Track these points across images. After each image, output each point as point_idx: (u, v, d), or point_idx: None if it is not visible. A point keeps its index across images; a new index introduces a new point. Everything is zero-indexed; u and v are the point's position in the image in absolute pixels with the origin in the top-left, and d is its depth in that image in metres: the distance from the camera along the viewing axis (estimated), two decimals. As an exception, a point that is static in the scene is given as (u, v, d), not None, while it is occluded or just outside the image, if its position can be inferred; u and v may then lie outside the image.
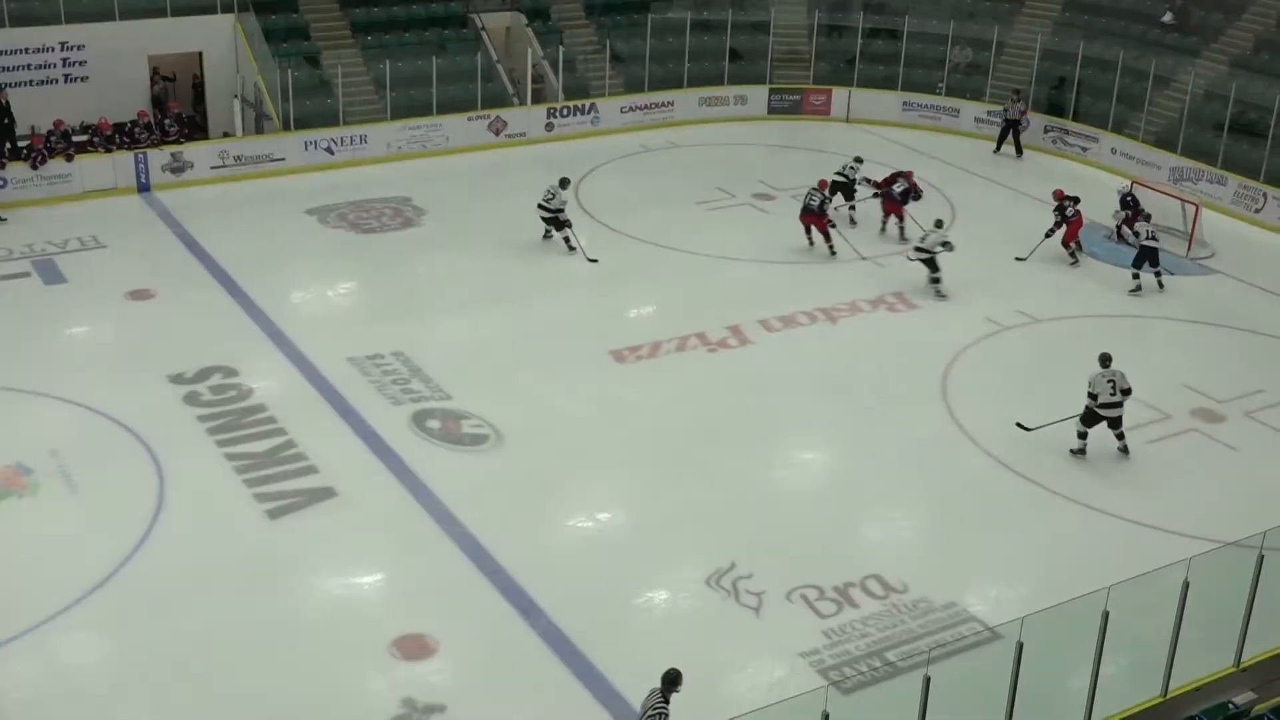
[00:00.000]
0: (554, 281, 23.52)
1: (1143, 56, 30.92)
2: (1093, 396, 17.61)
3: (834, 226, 24.53)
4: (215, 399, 18.67)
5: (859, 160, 26.73)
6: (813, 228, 24.60)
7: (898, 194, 25.52)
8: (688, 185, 28.25)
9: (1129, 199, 25.75)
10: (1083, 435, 17.91)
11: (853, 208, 26.08)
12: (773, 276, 23.96)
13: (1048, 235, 24.47)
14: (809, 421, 19.23)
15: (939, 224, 23.62)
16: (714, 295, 22.84)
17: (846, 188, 26.22)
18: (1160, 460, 18.30)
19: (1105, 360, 17.76)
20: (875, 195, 26.18)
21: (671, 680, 11.57)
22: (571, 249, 24.06)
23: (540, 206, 24.10)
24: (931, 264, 23.12)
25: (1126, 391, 17.63)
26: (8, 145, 25.40)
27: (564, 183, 24.28)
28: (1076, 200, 24.69)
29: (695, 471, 17.51)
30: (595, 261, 23.80)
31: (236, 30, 29.40)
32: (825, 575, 15.28)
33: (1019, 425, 18.02)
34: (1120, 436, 17.98)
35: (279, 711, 13.14)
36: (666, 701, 11.47)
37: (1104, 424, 17.85)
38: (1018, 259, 24.59)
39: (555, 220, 24.01)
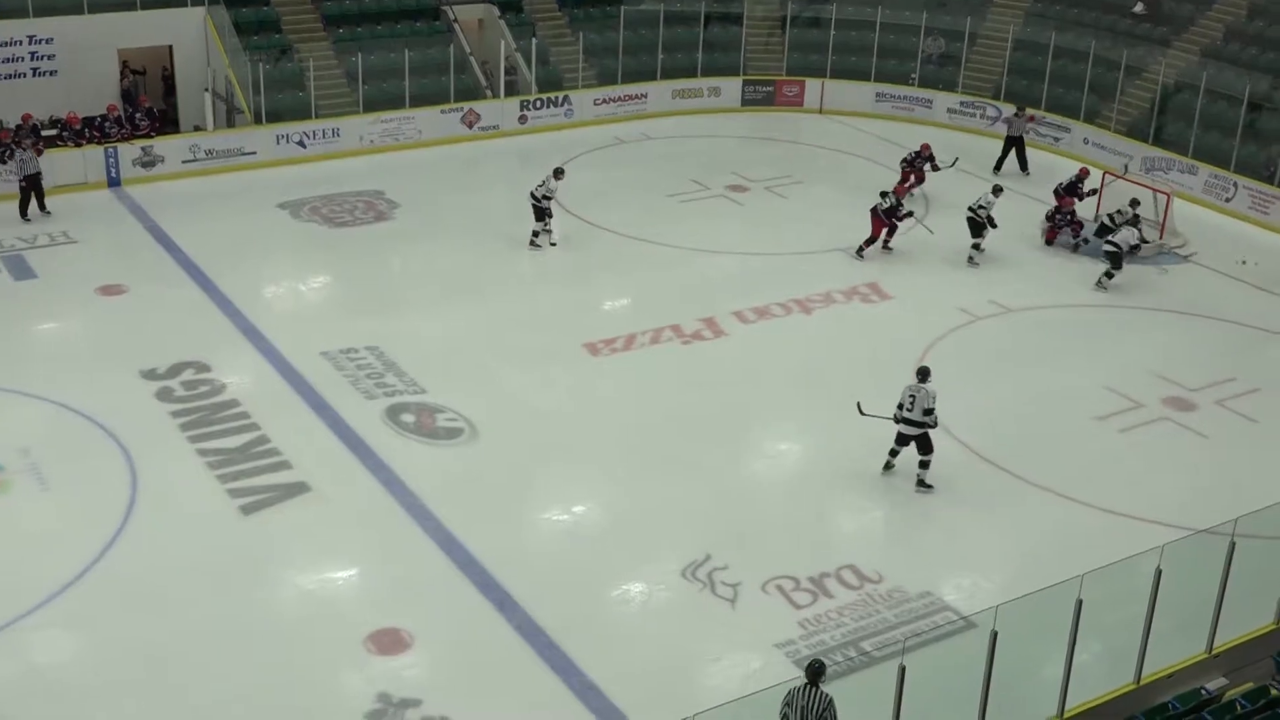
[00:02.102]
0: (528, 274, 23.49)
1: (1114, 47, 31.05)
2: (899, 406, 16.75)
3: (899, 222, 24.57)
4: (188, 395, 18.56)
5: (997, 191, 24.78)
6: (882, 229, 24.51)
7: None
8: (661, 177, 28.23)
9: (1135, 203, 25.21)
10: (893, 453, 17.10)
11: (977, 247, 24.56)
12: (746, 268, 23.98)
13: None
14: (783, 413, 19.26)
15: (997, 191, 24.48)
16: (688, 287, 22.84)
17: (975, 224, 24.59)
18: (1132, 449, 18.40)
19: (921, 374, 16.82)
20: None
21: (818, 671, 11.21)
22: (535, 244, 24.02)
23: (531, 195, 24.06)
24: (975, 229, 23.92)
25: (927, 412, 16.49)
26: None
27: (557, 172, 24.19)
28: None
29: (670, 464, 17.52)
30: (538, 247, 23.99)
31: (207, 23, 29.22)
32: (800, 566, 15.32)
33: (859, 406, 17.27)
34: (923, 465, 16.84)
35: (254, 707, 13.08)
36: (818, 688, 11.11)
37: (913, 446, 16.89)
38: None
39: (538, 209, 23.95)
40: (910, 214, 24.86)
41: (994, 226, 24.29)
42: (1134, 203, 24.34)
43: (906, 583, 15.16)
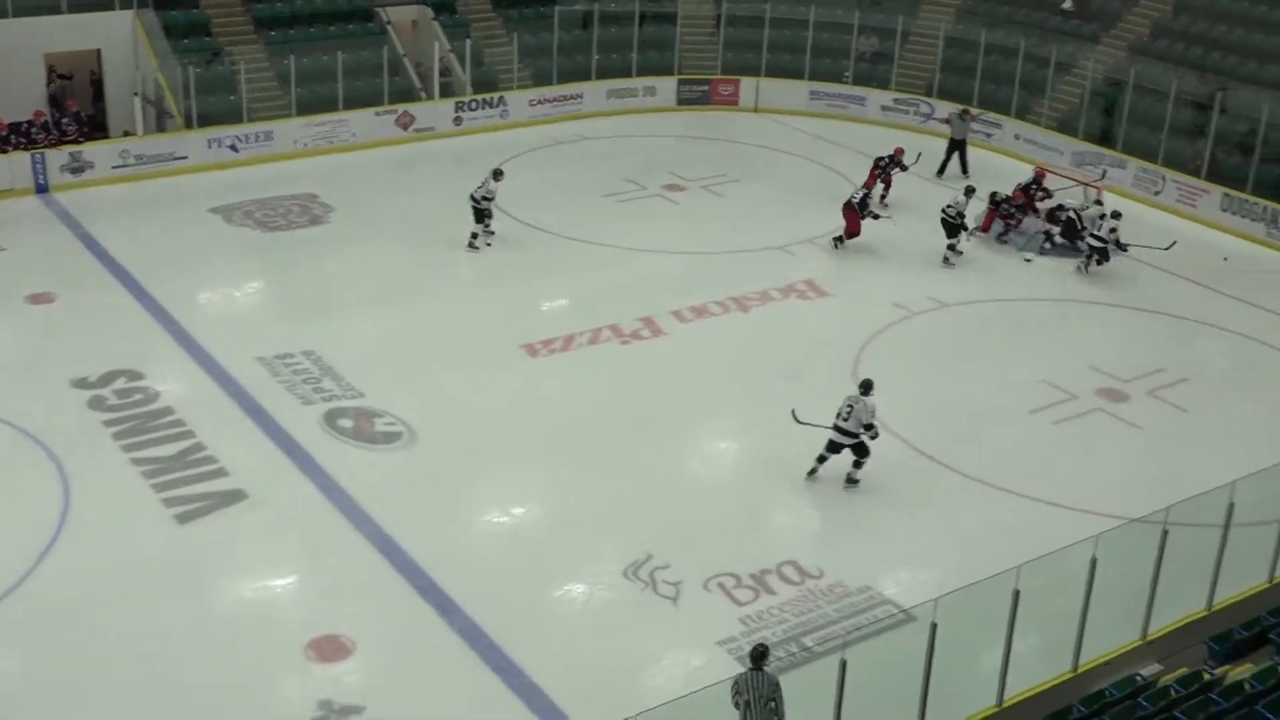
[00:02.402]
0: (465, 277, 23.41)
1: (1044, 44, 31.44)
2: (838, 414, 16.70)
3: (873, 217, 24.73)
4: (121, 403, 18.32)
5: (969, 192, 24.94)
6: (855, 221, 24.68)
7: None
8: (598, 177, 28.23)
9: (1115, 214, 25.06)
10: (820, 459, 16.93)
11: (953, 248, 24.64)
12: (684, 267, 24.03)
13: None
14: (722, 411, 19.32)
15: (969, 192, 24.70)
16: (626, 287, 22.85)
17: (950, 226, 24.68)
18: (1067, 440, 18.62)
19: (864, 386, 16.65)
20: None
21: (763, 655, 11.49)
22: (473, 245, 23.92)
23: (470, 197, 23.96)
24: (950, 229, 24.05)
25: (867, 427, 16.47)
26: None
27: (496, 174, 24.08)
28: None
29: (610, 464, 17.52)
30: (476, 249, 23.94)
31: (135, 26, 28.86)
32: (741, 563, 15.37)
33: (794, 414, 17.10)
34: (819, 460, 16.86)
35: (194, 718, 12.93)
36: (764, 671, 11.40)
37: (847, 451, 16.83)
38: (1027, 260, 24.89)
39: (477, 211, 23.84)
40: (877, 216, 25.00)
41: (967, 229, 24.56)
42: (1115, 214, 24.51)
43: (847, 577, 15.25)
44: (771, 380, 19.81)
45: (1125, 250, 24.13)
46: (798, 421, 16.88)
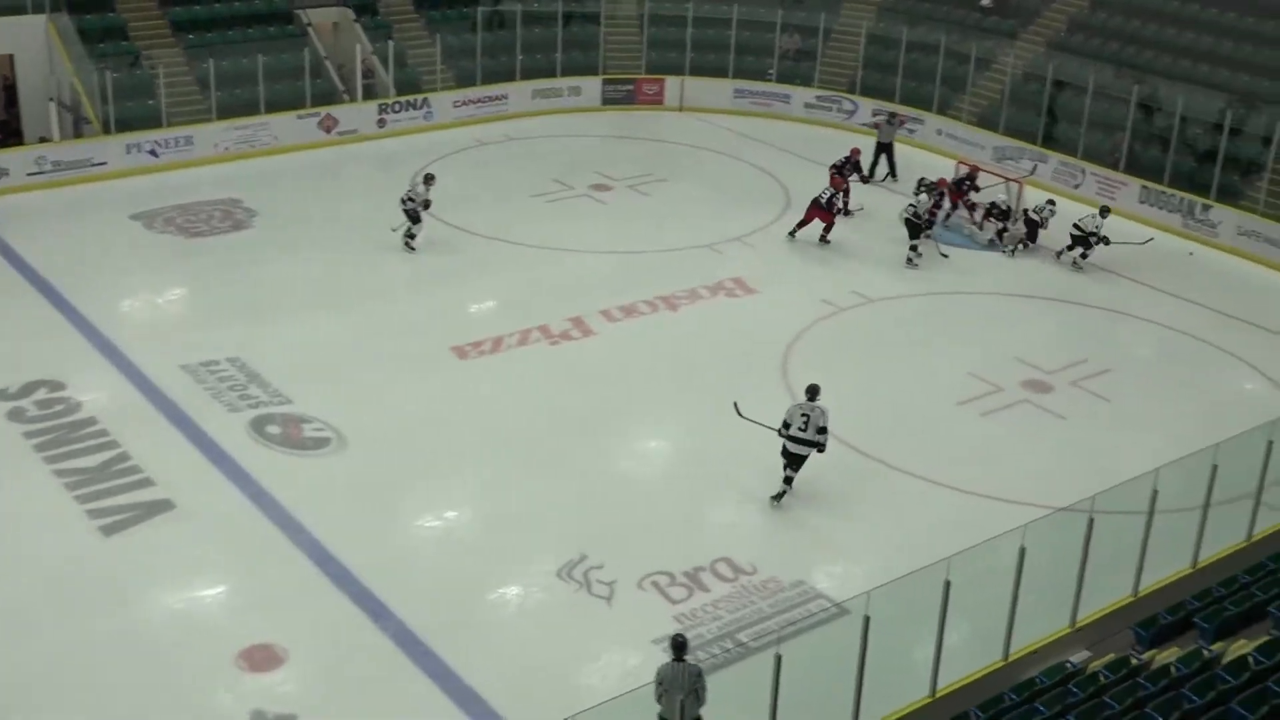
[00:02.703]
0: (392, 279, 23.24)
1: (964, 40, 31.80)
2: (786, 425, 16.38)
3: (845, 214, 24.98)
4: (41, 414, 17.99)
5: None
6: (816, 220, 24.74)
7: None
8: (524, 178, 28.16)
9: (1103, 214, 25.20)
10: (788, 480, 16.60)
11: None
12: (613, 267, 24.03)
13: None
14: (653, 409, 19.35)
15: (929, 189, 24.94)
16: (555, 287, 22.81)
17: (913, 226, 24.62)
18: (994, 432, 18.86)
19: (811, 392, 16.41)
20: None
21: (683, 645, 11.59)
22: (409, 246, 23.77)
23: (401, 200, 23.81)
24: (913, 230, 24.15)
25: (821, 431, 16.24)
26: None
27: (426, 178, 23.91)
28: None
29: (542, 465, 17.48)
30: (413, 250, 23.78)
31: (49, 31, 28.33)
32: (675, 561, 15.40)
33: (735, 407, 17.00)
34: (788, 481, 16.54)
35: (122, 733, 12.77)
36: (685, 662, 11.51)
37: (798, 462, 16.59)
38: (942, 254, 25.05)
39: (409, 213, 23.67)
40: (850, 213, 25.21)
41: (929, 228, 24.75)
42: (1103, 210, 24.80)
43: (780, 573, 15.33)
44: (702, 378, 19.87)
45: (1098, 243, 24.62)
46: (740, 416, 16.86)
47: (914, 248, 24.44)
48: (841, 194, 25.49)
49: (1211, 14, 30.15)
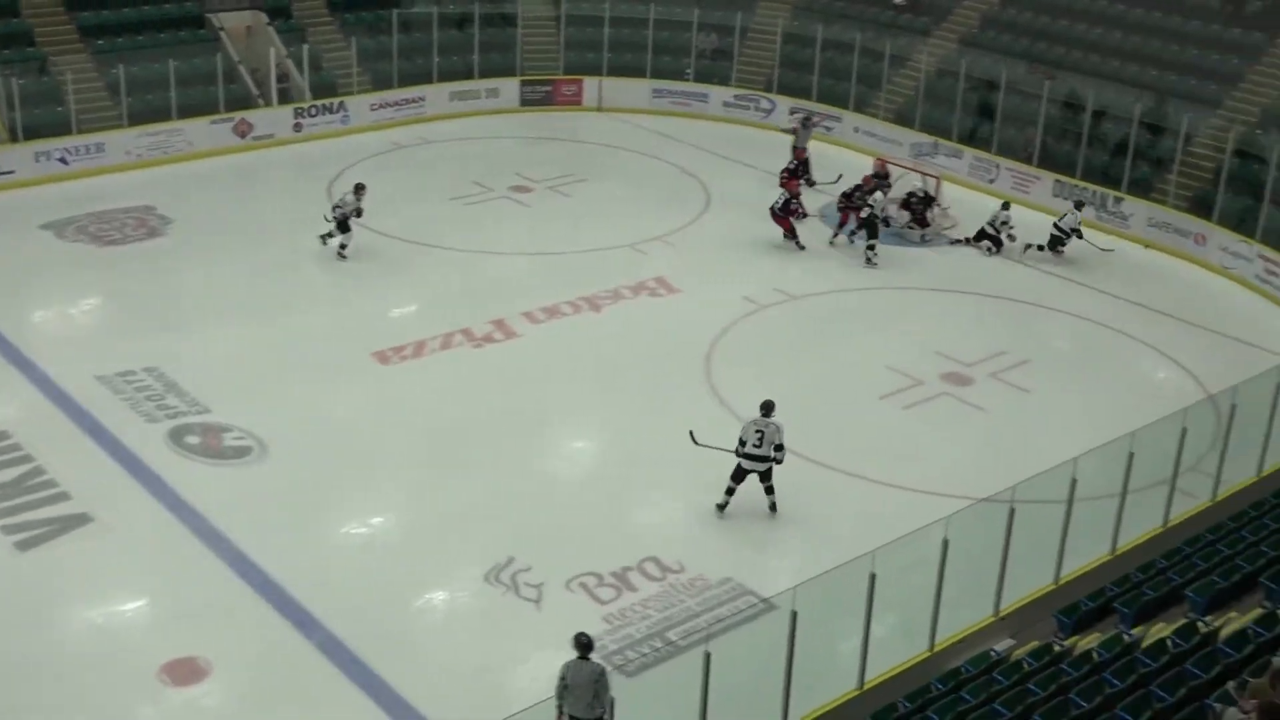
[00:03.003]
0: (311, 285, 23.02)
1: (879, 38, 32.09)
2: (741, 443, 16.16)
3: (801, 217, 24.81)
4: (-48, 429, 17.62)
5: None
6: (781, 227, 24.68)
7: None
8: (444, 181, 28.01)
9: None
10: (730, 491, 16.38)
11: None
12: (534, 268, 23.99)
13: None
14: (578, 410, 19.33)
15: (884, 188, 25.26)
16: (476, 290, 22.72)
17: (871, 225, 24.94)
18: (916, 425, 19.04)
19: (766, 408, 16.22)
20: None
21: (587, 644, 11.58)
22: (341, 255, 23.55)
23: (333, 208, 23.59)
24: (873, 230, 24.32)
25: (779, 448, 16.07)
26: None
27: (357, 189, 23.62)
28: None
29: (467, 469, 17.39)
30: (344, 258, 23.52)
31: (-48, 38, 27.80)
32: (603, 561, 15.38)
33: (691, 435, 16.70)
34: (769, 491, 16.35)
35: (42, 752, 12.53)
36: (589, 660, 11.52)
37: (755, 478, 16.36)
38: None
39: (338, 223, 23.41)
40: (805, 215, 25.06)
41: (888, 225, 25.06)
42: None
43: (708, 570, 15.37)
44: (626, 378, 19.89)
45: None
46: (696, 443, 16.51)
47: (871, 247, 24.57)
48: (795, 198, 25.25)
49: (1119, 10, 30.69)
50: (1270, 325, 22.98)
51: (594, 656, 11.87)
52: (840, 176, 26.71)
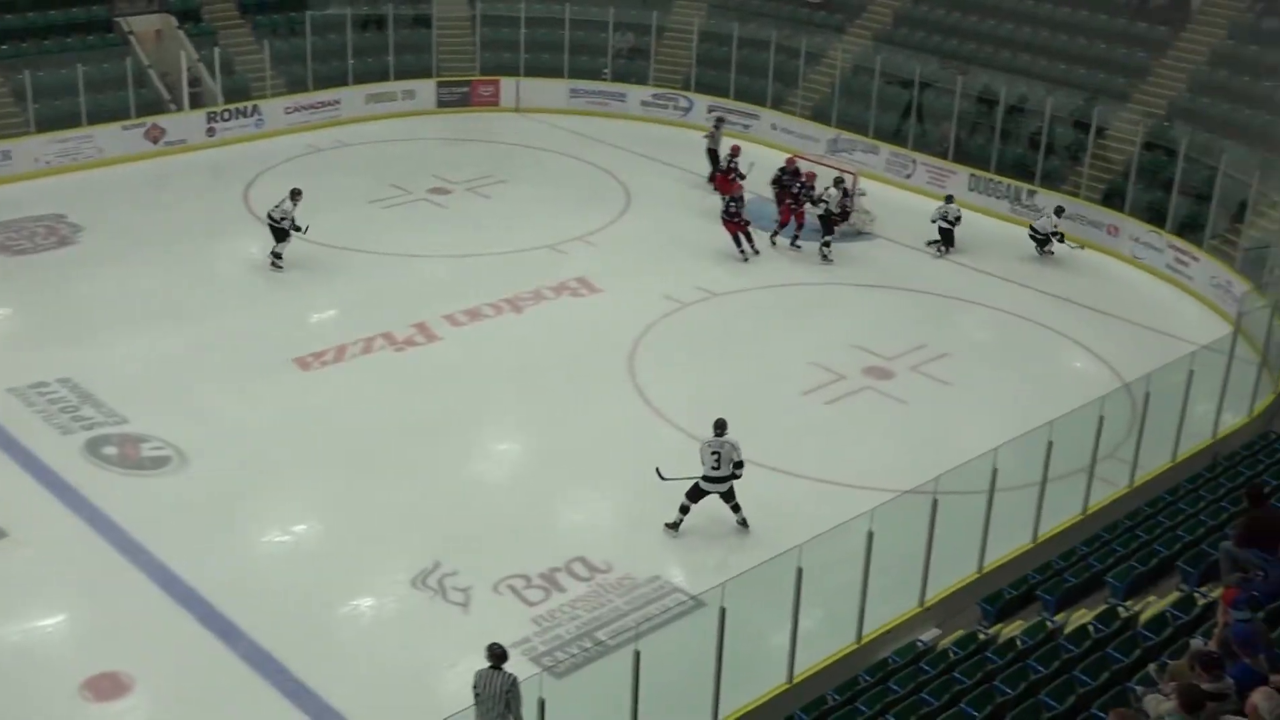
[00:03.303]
0: (229, 292, 22.70)
1: (794, 35, 32.30)
2: (703, 463, 15.92)
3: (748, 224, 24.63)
4: None
5: (839, 184, 25.42)
6: (738, 234, 24.45)
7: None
8: (361, 184, 27.77)
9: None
10: (684, 510, 16.04)
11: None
12: (455, 270, 23.85)
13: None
14: (502, 412, 19.26)
15: (838, 183, 25.18)
16: (397, 293, 22.54)
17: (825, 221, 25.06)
18: (839, 419, 19.19)
19: (719, 427, 15.93)
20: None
21: (500, 654, 11.49)
22: (276, 265, 23.21)
23: (268, 216, 23.21)
24: (828, 226, 24.57)
25: (738, 465, 15.81)
26: None
27: (293, 194, 23.22)
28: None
29: (391, 473, 17.25)
30: (279, 269, 23.21)
31: None
32: (530, 563, 15.34)
33: (658, 471, 16.28)
34: (735, 509, 16.08)
35: (-40, 774, 12.25)
36: (501, 671, 11.44)
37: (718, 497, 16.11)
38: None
39: (277, 230, 23.07)
40: (745, 220, 24.74)
41: (845, 219, 25.11)
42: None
43: (635, 569, 15.38)
44: (549, 379, 19.85)
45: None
46: (662, 479, 16.13)
47: (827, 243, 24.77)
48: (736, 200, 24.91)
49: (1028, 6, 31.15)
50: (1181, 313, 23.46)
51: (524, 657, 11.88)
52: (752, 165, 26.82)
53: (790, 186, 25.63)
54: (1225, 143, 25.18)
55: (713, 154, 28.62)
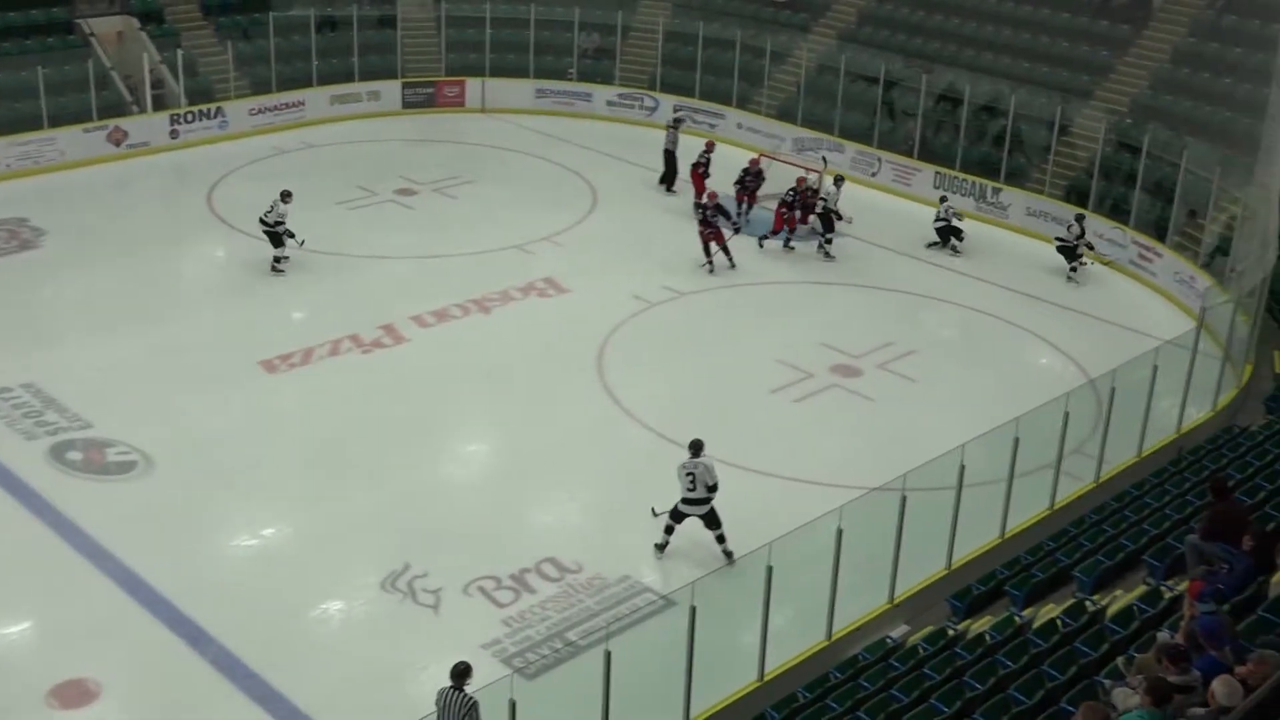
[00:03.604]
0: (195, 295, 22.58)
1: (759, 35, 32.36)
2: (683, 486, 15.51)
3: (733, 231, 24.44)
4: None
5: (838, 182, 25.56)
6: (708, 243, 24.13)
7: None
8: (327, 185, 27.63)
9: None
10: (669, 530, 15.65)
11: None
12: (422, 272, 23.78)
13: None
14: (470, 413, 19.22)
15: (837, 181, 25.37)
16: (364, 295, 22.46)
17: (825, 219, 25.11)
18: (807, 417, 19.24)
19: (695, 449, 15.45)
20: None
21: (461, 674, 11.40)
22: (277, 269, 23.06)
23: (261, 221, 23.03)
24: (828, 224, 24.55)
25: (712, 488, 15.32)
26: None
27: (284, 195, 23.09)
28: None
29: (360, 476, 17.19)
30: (281, 272, 23.12)
31: None
32: (500, 564, 15.31)
33: (652, 510, 15.86)
34: (720, 540, 15.45)
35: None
36: (462, 691, 11.35)
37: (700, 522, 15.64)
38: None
39: (273, 234, 22.92)
40: (711, 214, 24.48)
41: (840, 218, 25.01)
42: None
43: (606, 569, 15.37)
44: (518, 379, 19.82)
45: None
46: (656, 515, 15.76)
47: (828, 240, 24.89)
48: (712, 208, 24.47)
49: (991, 4, 31.32)
50: (1145, 309, 23.64)
51: (495, 659, 11.85)
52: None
53: (754, 188, 25.74)
54: (1187, 139, 25.38)
55: (669, 155, 28.38)
